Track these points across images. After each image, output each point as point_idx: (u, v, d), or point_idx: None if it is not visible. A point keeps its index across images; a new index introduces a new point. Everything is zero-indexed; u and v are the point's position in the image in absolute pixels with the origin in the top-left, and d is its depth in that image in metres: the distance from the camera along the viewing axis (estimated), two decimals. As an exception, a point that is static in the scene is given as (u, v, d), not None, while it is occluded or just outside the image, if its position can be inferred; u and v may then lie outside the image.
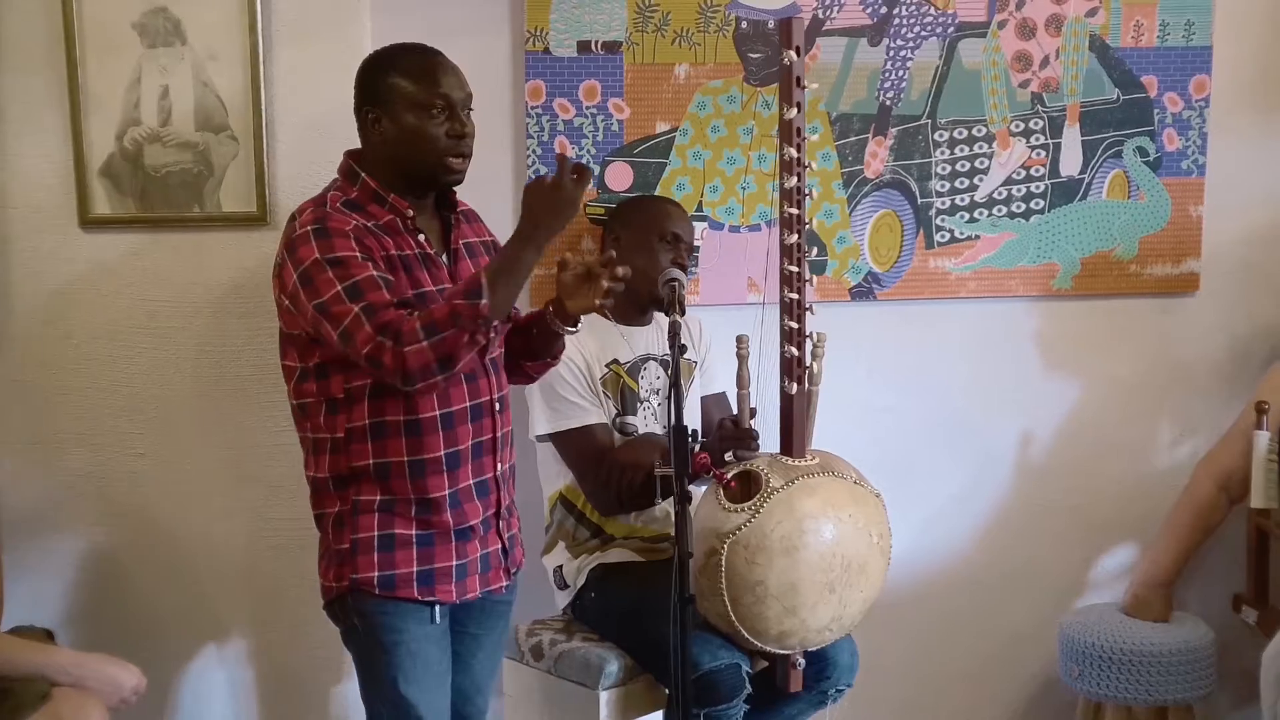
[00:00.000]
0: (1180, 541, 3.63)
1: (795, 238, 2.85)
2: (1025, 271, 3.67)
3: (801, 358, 2.89)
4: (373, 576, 2.55)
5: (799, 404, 2.89)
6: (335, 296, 2.42)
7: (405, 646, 2.58)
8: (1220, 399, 3.80)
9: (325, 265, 2.44)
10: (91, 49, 3.05)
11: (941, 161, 3.58)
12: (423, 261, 2.60)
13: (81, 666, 2.65)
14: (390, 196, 2.59)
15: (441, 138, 2.56)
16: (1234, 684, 3.68)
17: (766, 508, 2.77)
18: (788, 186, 2.86)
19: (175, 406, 3.19)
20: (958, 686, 3.85)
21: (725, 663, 2.84)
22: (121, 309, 3.15)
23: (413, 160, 2.57)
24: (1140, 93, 3.64)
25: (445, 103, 2.56)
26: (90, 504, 3.20)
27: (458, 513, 2.60)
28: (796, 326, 2.87)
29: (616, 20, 3.38)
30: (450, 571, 2.61)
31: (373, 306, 2.40)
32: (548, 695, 3.09)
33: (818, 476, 2.85)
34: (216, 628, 3.29)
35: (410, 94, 2.55)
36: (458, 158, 2.59)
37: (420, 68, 2.57)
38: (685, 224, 3.24)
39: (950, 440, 3.74)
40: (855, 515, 2.84)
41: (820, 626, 2.84)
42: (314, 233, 2.47)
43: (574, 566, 3.17)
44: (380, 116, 2.57)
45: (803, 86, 2.85)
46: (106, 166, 3.10)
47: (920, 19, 3.52)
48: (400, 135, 2.56)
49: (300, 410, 2.62)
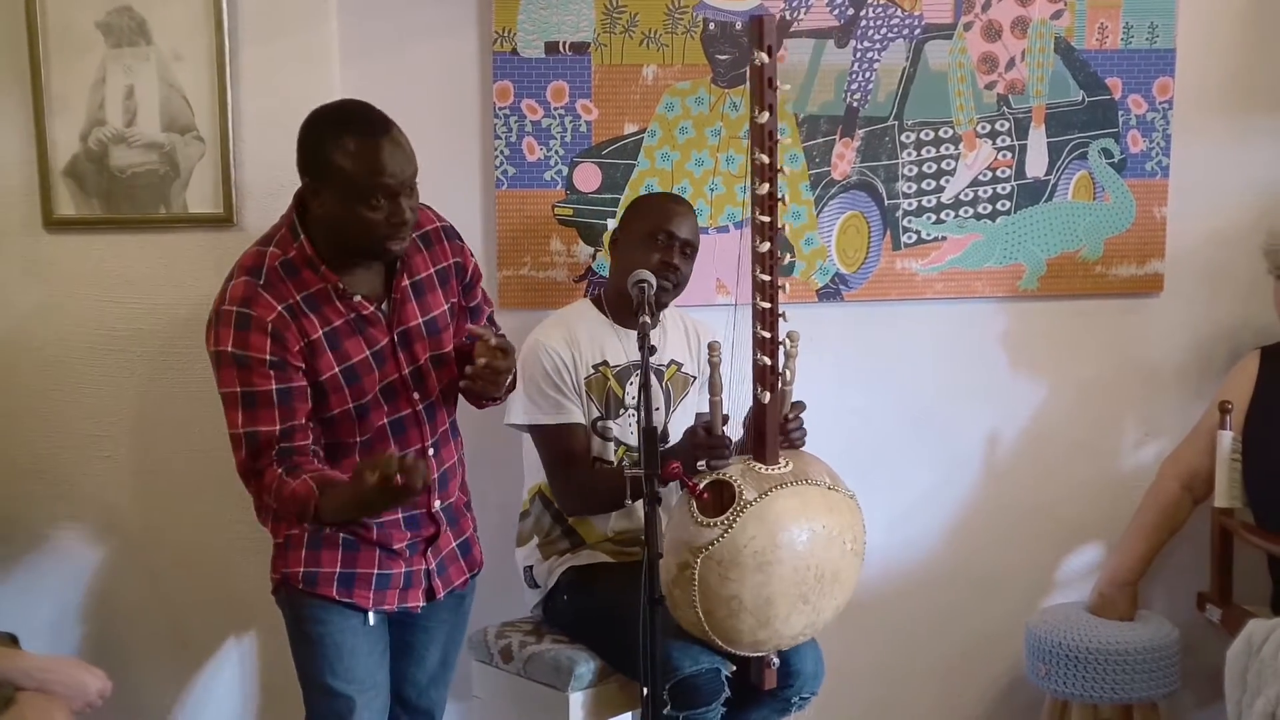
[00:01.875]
0: (1145, 541, 3.65)
1: (767, 245, 2.79)
2: (991, 272, 3.68)
3: (774, 365, 2.84)
4: (299, 572, 2.67)
5: (772, 411, 2.85)
6: (231, 397, 2.53)
7: (330, 638, 2.67)
8: (1184, 398, 3.83)
9: (233, 360, 2.51)
10: (55, 48, 3.03)
11: (908, 163, 3.59)
12: (356, 325, 2.60)
13: (46, 671, 2.63)
14: (322, 267, 2.56)
15: (381, 224, 2.51)
16: (1199, 682, 3.71)
17: (740, 523, 2.71)
18: (759, 193, 2.78)
19: (142, 408, 3.18)
20: (925, 685, 3.87)
21: (705, 667, 2.84)
22: (87, 311, 3.13)
23: (349, 240, 2.55)
24: (1105, 95, 3.66)
25: (385, 191, 2.48)
26: (55, 507, 3.18)
27: (383, 535, 2.70)
28: (769, 335, 2.82)
29: (584, 21, 3.38)
30: (370, 579, 2.70)
31: (255, 437, 2.51)
32: (517, 697, 3.09)
33: (790, 486, 2.80)
34: (183, 630, 3.27)
35: (350, 180, 2.47)
36: (396, 241, 2.55)
37: (363, 152, 2.46)
38: (682, 222, 3.14)
39: (917, 441, 3.75)
40: (829, 525, 2.81)
41: (794, 634, 2.85)
42: (236, 318, 2.50)
43: (545, 568, 3.16)
44: (320, 190, 2.52)
45: (774, 88, 2.75)
46: (71, 167, 3.08)
47: (887, 21, 3.53)
48: (338, 216, 2.52)
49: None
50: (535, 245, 3.42)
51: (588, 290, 3.44)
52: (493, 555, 3.04)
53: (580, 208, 3.44)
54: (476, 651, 3.16)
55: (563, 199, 3.43)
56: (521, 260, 3.43)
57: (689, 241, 3.14)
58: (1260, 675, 2.99)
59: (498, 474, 3.30)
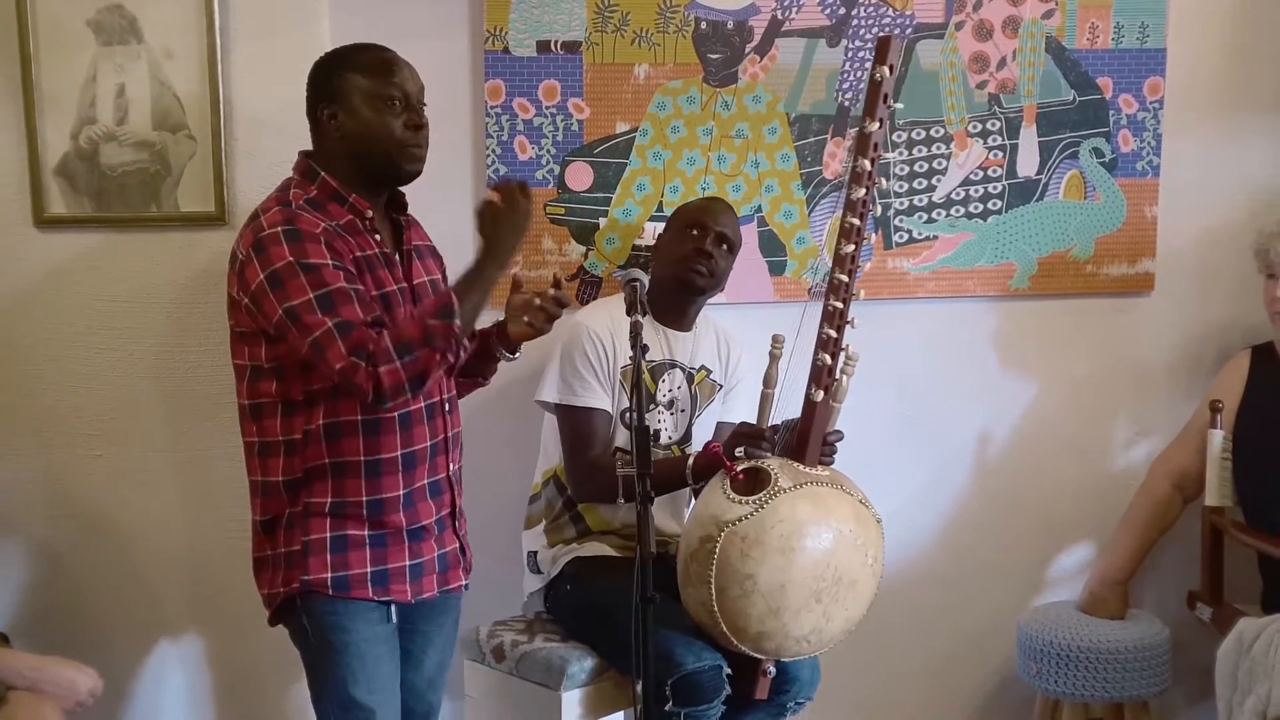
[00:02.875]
0: (1136, 540, 3.66)
1: (851, 248, 2.90)
2: (983, 272, 3.69)
3: (833, 368, 2.91)
4: (325, 578, 2.54)
5: (820, 413, 2.90)
6: (307, 304, 2.40)
7: (355, 647, 2.57)
8: (1175, 397, 3.84)
9: (298, 270, 2.42)
10: (45, 46, 3.02)
11: (900, 162, 3.60)
12: (382, 260, 2.60)
13: (37, 670, 2.63)
14: (351, 196, 2.58)
15: (400, 128, 2.57)
16: (1189, 681, 3.72)
17: (771, 504, 2.75)
18: (854, 197, 2.89)
19: (132, 408, 3.17)
20: (916, 684, 3.87)
21: (708, 664, 2.84)
22: (78, 309, 3.12)
23: (373, 154, 2.57)
24: (1096, 94, 3.67)
25: (401, 94, 2.57)
26: (45, 505, 3.17)
27: (410, 513, 2.61)
28: (835, 336, 2.90)
29: (576, 20, 3.38)
30: (404, 571, 2.61)
31: (347, 324, 2.40)
32: (510, 697, 3.08)
33: (826, 487, 2.85)
34: (171, 629, 3.27)
35: (366, 88, 2.55)
36: (415, 149, 2.60)
37: (375, 62, 2.58)
38: (719, 216, 3.19)
39: (908, 439, 3.75)
40: (855, 532, 2.83)
41: (800, 635, 2.82)
42: (285, 234, 2.45)
43: (549, 555, 3.16)
44: (336, 112, 2.57)
45: (890, 106, 2.88)
46: (62, 165, 3.07)
47: (878, 20, 3.53)
48: (358, 129, 2.56)
49: (252, 411, 2.58)
50: (527, 244, 3.41)
51: (580, 292, 3.45)
52: (489, 554, 3.04)
53: (572, 207, 3.43)
54: (469, 651, 3.16)
55: (555, 198, 3.43)
56: (513, 260, 3.42)
57: (724, 234, 3.18)
58: (1251, 674, 3.00)
59: (503, 468, 3.33)
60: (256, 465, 2.60)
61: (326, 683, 2.60)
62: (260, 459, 2.59)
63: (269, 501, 2.60)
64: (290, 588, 2.57)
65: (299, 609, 2.59)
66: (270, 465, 2.58)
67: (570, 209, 3.43)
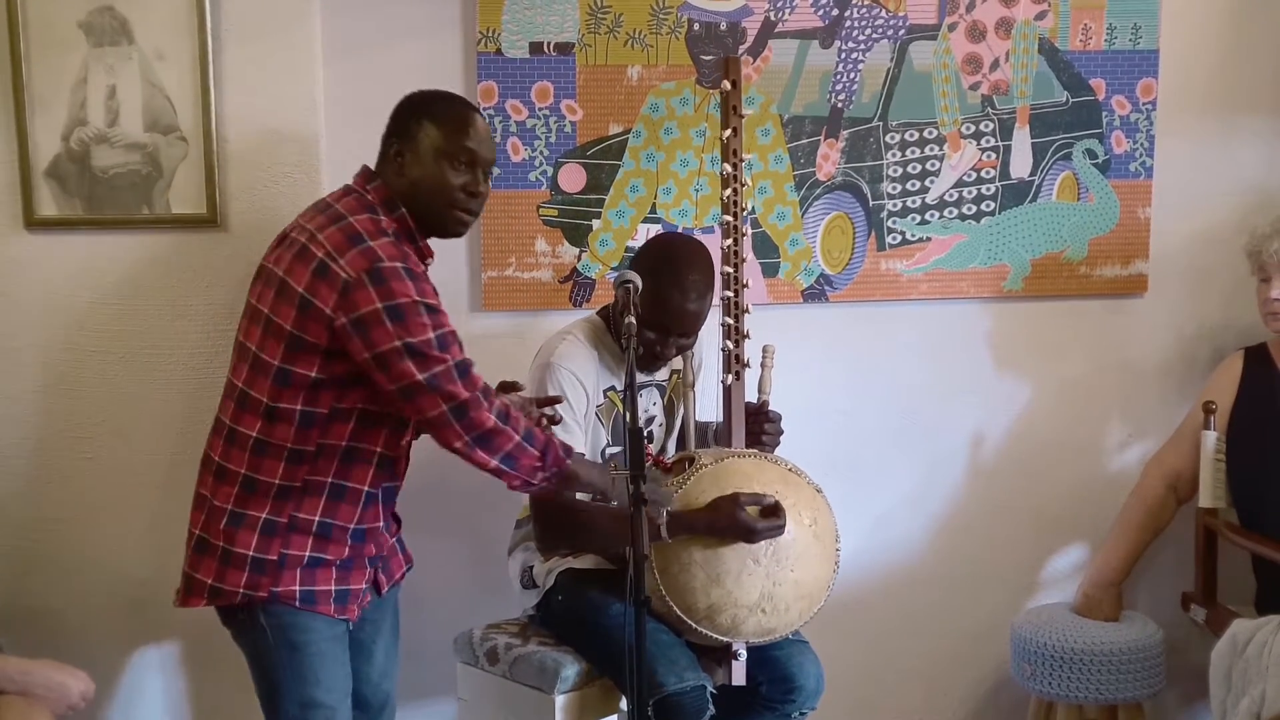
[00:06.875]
0: (1129, 541, 3.66)
1: (730, 241, 3.13)
2: (976, 273, 3.69)
3: (739, 354, 3.10)
4: (295, 590, 2.61)
5: (735, 398, 3.10)
6: (427, 343, 2.46)
7: (315, 646, 2.64)
8: (1168, 399, 3.84)
9: (421, 309, 2.47)
10: (36, 47, 3.01)
11: (893, 164, 3.59)
12: None
13: (28, 673, 2.61)
14: (422, 241, 2.65)
15: (458, 190, 2.61)
16: (1183, 682, 3.72)
17: (694, 479, 2.90)
18: (724, 198, 3.14)
19: (123, 410, 3.16)
20: (910, 686, 3.87)
21: (691, 684, 2.82)
22: (69, 312, 3.11)
23: (425, 204, 2.61)
24: (1089, 95, 3.67)
25: (469, 158, 2.61)
26: (36, 508, 3.16)
27: (375, 542, 2.72)
28: (733, 323, 3.11)
29: (569, 21, 3.37)
30: (359, 594, 2.71)
31: (465, 365, 2.50)
32: (503, 699, 3.08)
33: (750, 459, 2.98)
34: (158, 633, 3.25)
35: (437, 141, 2.60)
36: (467, 213, 2.64)
37: (453, 118, 2.62)
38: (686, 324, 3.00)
39: (902, 441, 3.75)
40: (783, 493, 2.89)
41: (751, 603, 2.84)
42: (405, 272, 2.48)
43: (544, 569, 3.14)
44: (404, 152, 2.61)
45: (740, 115, 3.17)
46: (53, 167, 3.06)
47: (871, 21, 3.53)
48: (418, 177, 2.60)
49: (268, 411, 2.56)
50: (520, 246, 3.41)
51: (572, 294, 3.44)
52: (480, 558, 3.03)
53: (565, 208, 3.43)
54: (462, 653, 3.15)
55: (548, 200, 3.42)
56: (506, 261, 3.42)
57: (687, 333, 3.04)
58: (1245, 675, 3.00)
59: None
60: (243, 457, 2.59)
61: (283, 683, 2.66)
62: (254, 455, 2.59)
63: (247, 497, 2.60)
64: (257, 594, 2.60)
65: (259, 611, 2.62)
66: (265, 465, 2.58)
67: (563, 210, 3.43)
